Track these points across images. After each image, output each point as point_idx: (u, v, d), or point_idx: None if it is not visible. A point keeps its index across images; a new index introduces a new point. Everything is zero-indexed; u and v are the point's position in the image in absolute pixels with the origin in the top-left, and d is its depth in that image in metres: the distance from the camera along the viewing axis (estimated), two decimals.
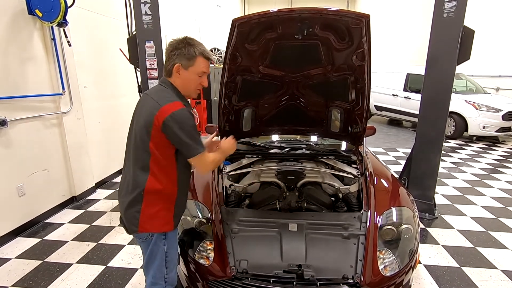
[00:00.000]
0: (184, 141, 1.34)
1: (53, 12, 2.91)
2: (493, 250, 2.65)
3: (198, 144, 1.38)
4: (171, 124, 1.31)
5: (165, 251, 1.49)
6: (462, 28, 2.73)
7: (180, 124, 1.32)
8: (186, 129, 1.33)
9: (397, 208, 1.86)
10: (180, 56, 1.38)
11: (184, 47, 1.38)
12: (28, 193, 3.02)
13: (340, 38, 1.91)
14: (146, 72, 3.02)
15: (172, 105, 1.34)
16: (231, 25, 1.74)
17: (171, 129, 1.32)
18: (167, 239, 1.49)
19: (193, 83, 1.44)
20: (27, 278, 2.31)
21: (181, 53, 1.38)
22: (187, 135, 1.34)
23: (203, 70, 1.43)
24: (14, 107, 2.85)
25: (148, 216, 1.42)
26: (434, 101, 3.00)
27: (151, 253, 1.50)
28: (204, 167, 1.46)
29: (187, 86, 1.45)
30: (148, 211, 1.42)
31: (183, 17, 7.03)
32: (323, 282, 1.49)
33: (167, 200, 1.45)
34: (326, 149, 2.75)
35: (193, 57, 1.39)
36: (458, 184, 4.23)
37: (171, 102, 1.35)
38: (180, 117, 1.32)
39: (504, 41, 7.74)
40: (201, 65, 1.41)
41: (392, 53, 11.24)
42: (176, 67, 1.39)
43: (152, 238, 1.46)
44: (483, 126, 6.44)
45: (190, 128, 1.34)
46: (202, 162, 1.42)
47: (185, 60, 1.38)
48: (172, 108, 1.32)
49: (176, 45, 1.39)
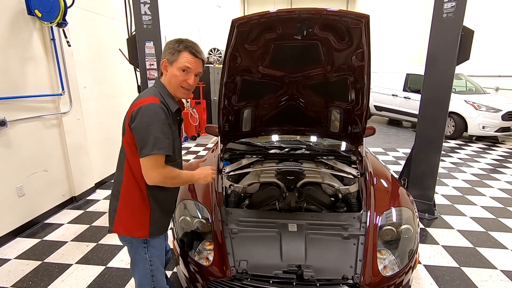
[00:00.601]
0: (140, 135, 1.23)
1: (53, 12, 2.91)
2: (492, 250, 2.65)
3: (155, 144, 1.22)
4: (135, 116, 1.25)
5: (148, 259, 1.43)
6: (462, 28, 2.73)
7: (142, 117, 1.23)
8: (145, 123, 1.23)
9: (396, 209, 1.86)
10: (165, 52, 1.37)
11: (171, 42, 1.36)
12: (27, 194, 3.01)
13: (339, 39, 1.91)
14: (145, 72, 3.02)
15: (145, 99, 1.29)
16: (231, 26, 1.73)
17: (134, 122, 1.25)
18: (149, 247, 1.42)
19: (176, 79, 1.35)
20: (27, 279, 2.30)
21: (167, 48, 1.36)
22: (145, 129, 1.22)
23: (186, 64, 1.34)
24: (14, 108, 2.84)
25: (122, 217, 1.38)
26: (434, 101, 3.01)
27: (134, 260, 1.46)
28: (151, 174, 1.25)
29: (171, 83, 1.37)
30: (123, 211, 1.38)
31: (183, 18, 7.03)
32: (323, 282, 1.49)
33: (141, 202, 1.37)
34: (326, 149, 2.75)
35: (177, 52, 1.34)
36: (457, 184, 4.23)
37: (146, 97, 1.31)
38: (145, 110, 1.24)
39: (504, 41, 7.74)
40: (184, 60, 1.33)
41: (391, 53, 11.25)
42: (163, 63, 1.37)
43: (132, 242, 1.41)
44: (483, 126, 6.45)
45: (152, 123, 1.23)
46: (150, 167, 1.24)
47: (169, 55, 1.35)
48: (143, 102, 1.27)
49: (168, 43, 1.38)
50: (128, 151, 1.33)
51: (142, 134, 1.24)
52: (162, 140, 1.25)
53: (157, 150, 1.23)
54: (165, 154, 1.27)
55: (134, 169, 1.34)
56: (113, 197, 1.42)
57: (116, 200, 1.39)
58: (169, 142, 1.28)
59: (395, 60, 10.85)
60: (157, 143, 1.23)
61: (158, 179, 1.28)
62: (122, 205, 1.38)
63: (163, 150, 1.25)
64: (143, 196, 1.37)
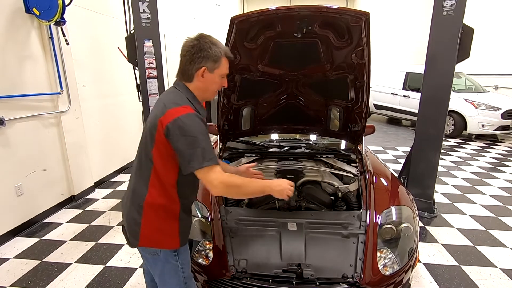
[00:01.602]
0: (184, 150, 1.16)
1: (51, 10, 2.90)
2: (492, 249, 2.65)
3: (204, 156, 1.16)
4: (174, 129, 1.16)
5: (180, 267, 1.33)
6: (462, 27, 2.72)
7: (183, 130, 1.16)
8: (189, 136, 1.16)
9: (396, 207, 1.85)
10: (207, 59, 1.25)
11: (209, 47, 1.24)
12: (26, 193, 3.00)
13: (339, 36, 1.90)
14: (144, 71, 3.00)
15: (179, 108, 1.20)
16: (230, 23, 1.73)
17: (173, 135, 1.16)
18: (179, 254, 1.34)
19: (216, 86, 1.32)
20: (26, 278, 2.30)
21: (208, 55, 1.24)
22: (190, 143, 1.16)
23: (226, 72, 1.32)
24: (12, 106, 2.83)
25: (149, 230, 1.27)
26: (434, 100, 3.00)
27: (164, 273, 1.33)
28: (211, 185, 1.19)
29: (208, 89, 1.31)
30: (149, 225, 1.27)
31: (182, 16, 7.00)
32: (323, 281, 1.49)
33: (170, 214, 1.28)
34: (326, 148, 2.74)
35: (219, 58, 1.26)
36: (457, 182, 4.23)
37: (179, 105, 1.21)
38: (184, 122, 1.16)
39: (503, 40, 7.74)
40: (225, 66, 1.30)
41: (391, 51, 11.23)
42: (201, 71, 1.26)
43: (159, 254, 1.30)
44: (482, 124, 6.45)
45: (196, 135, 1.16)
46: (208, 178, 1.18)
47: (211, 62, 1.25)
48: (178, 112, 1.18)
49: (200, 45, 1.24)
50: (158, 161, 1.23)
51: (187, 147, 1.16)
52: (209, 151, 1.19)
53: (207, 162, 1.16)
54: (215, 164, 1.19)
55: (166, 180, 1.25)
56: (133, 211, 1.28)
57: (139, 214, 1.27)
58: (213, 150, 1.22)
59: (394, 59, 10.85)
60: (205, 155, 1.17)
61: (222, 189, 1.20)
62: (148, 218, 1.27)
63: (213, 160, 1.18)
64: (173, 207, 1.28)
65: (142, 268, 2.39)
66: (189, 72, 1.27)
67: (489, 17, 7.87)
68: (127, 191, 1.37)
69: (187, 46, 1.26)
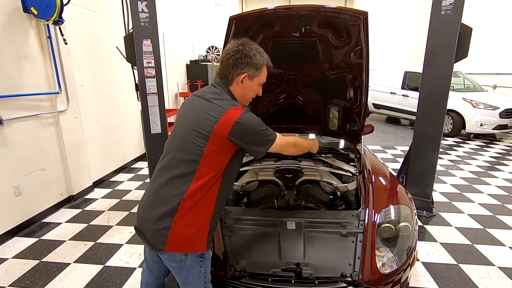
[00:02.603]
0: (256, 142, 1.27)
1: (49, 10, 2.89)
2: (490, 247, 2.66)
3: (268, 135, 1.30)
4: (239, 130, 1.21)
5: (203, 272, 1.32)
6: (460, 26, 2.73)
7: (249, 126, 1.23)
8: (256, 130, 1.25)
9: (395, 206, 1.86)
10: (250, 65, 1.27)
11: (254, 54, 1.27)
12: (25, 193, 3.00)
13: (338, 36, 1.90)
14: (143, 71, 3.00)
15: (235, 110, 1.23)
16: (228, 22, 1.73)
17: (242, 134, 1.22)
18: (204, 259, 1.32)
19: (252, 93, 1.36)
20: (24, 278, 2.29)
21: (252, 62, 1.27)
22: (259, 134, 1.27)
23: (264, 80, 1.36)
24: (10, 106, 2.82)
25: (179, 234, 1.21)
26: (432, 99, 3.01)
27: (187, 278, 1.32)
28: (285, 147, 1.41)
29: (245, 96, 1.35)
30: (181, 229, 1.21)
31: (181, 15, 6.99)
32: (322, 280, 1.49)
33: (203, 216, 1.25)
34: (324, 147, 2.74)
35: (261, 67, 1.29)
36: (455, 181, 4.24)
37: (235, 106, 1.24)
38: (247, 120, 1.23)
39: (502, 39, 7.75)
40: (265, 75, 1.34)
41: (390, 51, 11.25)
42: (242, 77, 1.28)
43: (185, 262, 1.26)
44: (481, 123, 6.46)
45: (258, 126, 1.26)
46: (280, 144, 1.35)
47: (253, 69, 1.28)
48: (238, 112, 1.22)
49: (246, 51, 1.26)
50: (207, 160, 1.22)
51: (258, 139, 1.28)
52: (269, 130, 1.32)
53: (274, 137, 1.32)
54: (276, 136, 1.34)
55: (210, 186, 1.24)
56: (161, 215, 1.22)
57: (170, 218, 1.21)
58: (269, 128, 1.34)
59: (393, 58, 10.86)
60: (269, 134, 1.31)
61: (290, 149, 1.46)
62: (181, 222, 1.21)
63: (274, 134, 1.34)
64: (209, 207, 1.26)
65: (141, 268, 2.39)
66: (230, 76, 1.29)
67: (488, 17, 7.89)
68: (150, 195, 1.29)
69: (231, 50, 1.27)
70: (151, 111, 3.07)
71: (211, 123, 1.20)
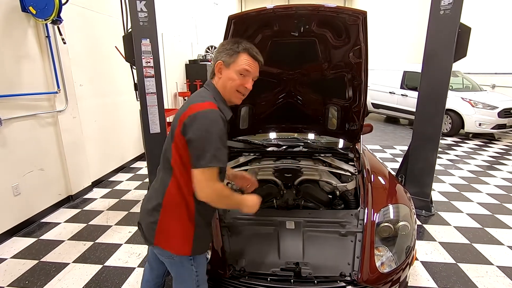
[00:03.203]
0: (198, 145, 1.11)
1: (47, 9, 2.88)
2: (489, 246, 2.67)
3: (215, 155, 1.10)
4: (190, 123, 1.12)
5: (194, 271, 1.32)
6: (459, 25, 2.73)
7: (201, 124, 1.11)
8: (205, 131, 1.10)
9: (394, 205, 1.86)
10: (223, 53, 1.23)
11: (228, 43, 1.25)
12: (23, 193, 2.99)
13: (337, 35, 1.90)
14: (142, 70, 2.99)
15: (201, 104, 1.15)
16: (227, 22, 1.72)
17: (188, 129, 1.13)
18: (195, 259, 1.31)
19: (233, 83, 1.24)
20: (23, 278, 2.29)
21: (225, 49, 1.24)
22: (205, 139, 1.10)
23: (245, 67, 1.23)
24: (8, 106, 2.81)
25: (164, 230, 1.24)
26: (431, 99, 3.01)
27: (179, 276, 1.34)
28: (205, 188, 1.14)
29: (225, 86, 1.25)
30: (165, 225, 1.24)
31: (180, 15, 6.98)
32: (321, 279, 1.49)
33: (186, 217, 1.24)
34: (323, 146, 2.74)
35: (236, 53, 1.22)
36: (454, 181, 4.25)
37: (202, 101, 1.17)
38: (204, 117, 1.12)
39: (500, 39, 7.77)
40: (244, 62, 1.23)
41: (388, 50, 11.26)
42: (217, 65, 1.24)
43: (174, 258, 1.28)
44: (479, 123, 6.48)
45: (212, 132, 1.11)
46: (205, 180, 1.13)
47: (227, 56, 1.23)
48: (199, 107, 1.14)
49: (224, 43, 1.26)
50: (177, 162, 1.19)
51: (200, 144, 1.11)
52: (223, 151, 1.13)
53: (216, 162, 1.11)
54: (221, 166, 1.15)
55: (183, 183, 1.21)
56: (151, 209, 1.26)
57: (157, 212, 1.24)
58: (226, 154, 1.17)
59: (392, 57, 10.87)
60: (217, 155, 1.11)
61: (212, 195, 1.16)
62: (164, 218, 1.24)
63: (222, 162, 1.13)
64: (189, 211, 1.24)
65: (140, 267, 2.39)
66: (212, 68, 1.30)
67: (486, 16, 7.90)
68: (150, 189, 1.37)
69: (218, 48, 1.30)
70: (150, 111, 3.06)
71: (177, 117, 1.20)
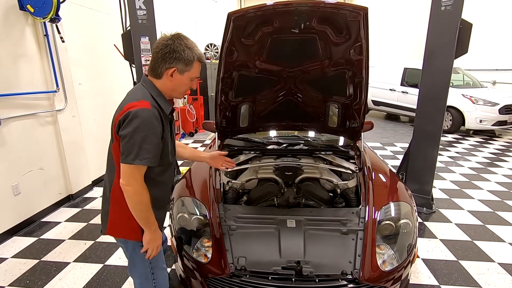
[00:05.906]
0: (126, 142, 1.17)
1: (45, 7, 2.85)
2: (490, 243, 2.66)
3: (138, 153, 1.16)
4: (123, 122, 1.18)
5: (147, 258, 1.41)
6: (460, 22, 2.71)
7: (131, 123, 1.16)
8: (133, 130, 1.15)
9: (395, 203, 1.86)
10: (178, 60, 1.24)
11: (183, 50, 1.24)
12: (23, 192, 2.98)
13: (337, 32, 1.88)
14: (141, 68, 2.98)
15: (135, 103, 1.20)
16: (227, 19, 1.71)
17: (121, 129, 1.19)
18: None
19: (185, 87, 1.34)
20: (24, 278, 2.29)
21: (180, 57, 1.24)
22: (132, 137, 1.16)
23: (197, 74, 1.34)
24: (7, 105, 2.80)
25: (115, 220, 1.36)
26: (432, 95, 3.00)
27: (132, 260, 1.45)
28: (128, 183, 1.20)
29: (175, 89, 1.32)
30: (114, 214, 1.36)
31: (179, 12, 6.95)
32: (322, 278, 1.49)
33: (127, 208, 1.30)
34: (324, 144, 2.73)
35: (191, 62, 1.27)
36: (455, 178, 4.25)
37: (136, 100, 1.22)
38: (135, 116, 1.16)
39: (501, 35, 7.74)
40: (197, 70, 1.32)
41: (389, 47, 11.21)
42: (171, 71, 1.26)
43: (127, 244, 1.40)
44: (480, 120, 6.46)
45: (140, 131, 1.16)
46: (128, 176, 1.20)
47: (182, 64, 1.26)
48: (133, 106, 1.19)
49: (174, 46, 1.23)
50: (116, 158, 1.28)
51: (128, 141, 1.17)
52: (149, 150, 1.19)
53: (139, 161, 1.17)
54: (147, 165, 1.21)
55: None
56: (104, 199, 1.40)
57: (107, 203, 1.37)
58: (156, 153, 1.23)
59: (392, 54, 10.83)
60: (141, 153, 1.17)
61: (131, 193, 1.22)
62: (113, 208, 1.35)
63: (146, 160, 1.19)
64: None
65: None
66: (159, 70, 1.27)
67: (488, 12, 7.86)
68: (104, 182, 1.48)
69: (160, 44, 1.25)
70: None
71: (114, 116, 1.28)
